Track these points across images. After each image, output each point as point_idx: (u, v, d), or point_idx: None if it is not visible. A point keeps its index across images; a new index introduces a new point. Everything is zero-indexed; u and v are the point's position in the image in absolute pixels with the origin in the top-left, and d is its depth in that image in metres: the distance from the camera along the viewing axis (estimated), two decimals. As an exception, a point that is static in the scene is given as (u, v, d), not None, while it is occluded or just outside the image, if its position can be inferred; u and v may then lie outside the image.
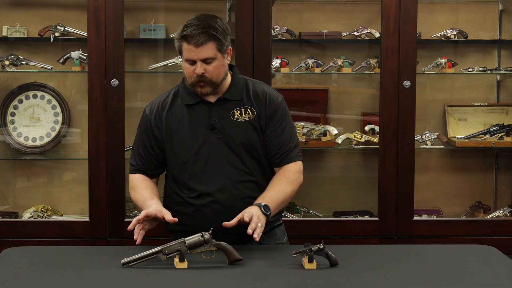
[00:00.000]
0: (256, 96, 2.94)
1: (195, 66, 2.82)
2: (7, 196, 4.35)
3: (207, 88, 2.85)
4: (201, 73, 2.81)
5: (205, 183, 2.89)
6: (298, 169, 2.97)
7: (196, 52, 2.80)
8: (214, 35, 2.80)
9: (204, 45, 2.79)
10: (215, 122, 2.89)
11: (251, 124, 2.91)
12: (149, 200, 2.90)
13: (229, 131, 2.89)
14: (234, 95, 2.92)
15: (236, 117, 2.91)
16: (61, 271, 2.55)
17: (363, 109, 4.43)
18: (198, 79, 2.84)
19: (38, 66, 4.17)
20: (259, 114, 2.92)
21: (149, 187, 2.98)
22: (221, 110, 2.91)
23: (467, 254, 2.82)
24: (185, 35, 2.80)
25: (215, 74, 2.84)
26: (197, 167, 2.90)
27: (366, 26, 4.33)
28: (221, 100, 2.91)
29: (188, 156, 2.91)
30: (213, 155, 2.89)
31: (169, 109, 2.95)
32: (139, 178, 3.01)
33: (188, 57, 2.82)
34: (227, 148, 2.89)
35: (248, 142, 2.91)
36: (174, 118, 2.93)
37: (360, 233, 3.92)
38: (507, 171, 4.49)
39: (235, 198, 2.88)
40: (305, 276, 2.49)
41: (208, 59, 2.81)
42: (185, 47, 2.82)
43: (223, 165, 2.89)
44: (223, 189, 2.88)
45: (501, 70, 4.38)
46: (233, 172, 2.89)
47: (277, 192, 2.88)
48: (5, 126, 4.26)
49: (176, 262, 2.57)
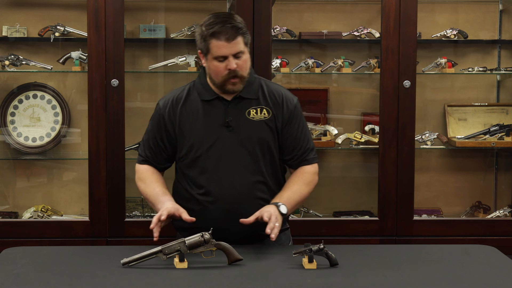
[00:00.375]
0: (272, 96, 2.95)
1: (226, 62, 2.82)
2: (7, 196, 4.35)
3: (239, 84, 2.86)
4: (235, 67, 2.81)
5: (215, 181, 2.88)
6: (315, 170, 3.00)
7: (229, 47, 2.80)
8: (241, 29, 2.83)
9: (234, 40, 2.81)
10: (230, 120, 2.89)
11: (266, 124, 2.92)
12: (162, 196, 2.89)
13: (244, 130, 2.89)
14: (250, 94, 2.92)
15: (251, 116, 2.91)
16: (61, 271, 2.55)
17: (363, 109, 4.43)
18: (230, 76, 2.83)
19: (38, 66, 4.17)
20: (275, 115, 2.93)
21: (160, 181, 2.97)
22: (237, 108, 2.91)
23: (467, 254, 2.82)
24: (215, 32, 2.81)
25: (245, 68, 2.86)
26: (208, 163, 2.89)
27: (366, 26, 4.33)
28: (237, 98, 2.91)
29: (200, 151, 2.90)
30: (226, 152, 2.88)
31: (183, 103, 2.95)
32: (148, 169, 3.00)
33: (219, 53, 2.81)
34: (240, 147, 2.89)
35: (262, 142, 2.91)
36: (188, 113, 2.93)
37: (360, 233, 3.92)
38: (507, 171, 4.49)
39: (244, 198, 2.87)
40: (305, 276, 2.49)
41: (239, 53, 2.82)
42: (215, 44, 2.81)
43: (234, 164, 2.88)
44: (233, 188, 2.87)
45: (501, 70, 4.38)
46: (244, 171, 2.89)
47: (294, 192, 2.90)
48: (5, 126, 4.26)
49: (176, 262, 2.57)
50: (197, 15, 4.32)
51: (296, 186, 2.93)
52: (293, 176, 2.98)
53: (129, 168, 3.97)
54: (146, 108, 4.36)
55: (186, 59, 4.19)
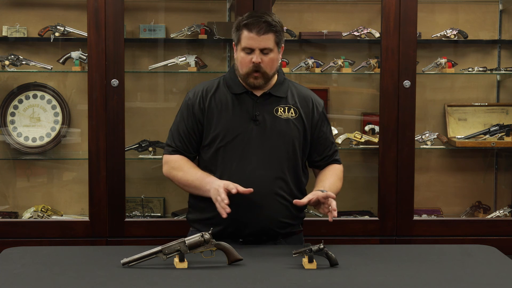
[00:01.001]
0: (301, 99, 3.02)
1: (252, 55, 2.88)
2: (7, 196, 4.34)
3: (260, 80, 2.92)
4: (258, 62, 2.87)
5: (236, 173, 2.91)
6: (342, 170, 3.12)
7: (257, 41, 2.87)
8: (275, 27, 2.89)
9: (265, 35, 2.87)
10: (258, 114, 2.93)
11: (293, 123, 2.97)
12: (207, 177, 2.91)
13: (270, 126, 2.94)
14: (279, 92, 2.99)
15: (279, 114, 2.97)
16: (61, 271, 2.55)
17: (363, 109, 4.43)
18: (253, 69, 2.89)
19: (38, 66, 4.17)
20: (302, 116, 2.98)
21: (196, 167, 3.00)
22: (265, 104, 2.97)
23: (467, 254, 2.82)
24: (247, 23, 2.88)
25: (269, 66, 2.91)
26: (231, 154, 2.93)
27: (366, 26, 4.33)
28: (267, 94, 2.97)
29: (224, 141, 2.94)
30: (249, 145, 2.93)
31: (213, 94, 2.99)
32: (182, 159, 3.01)
33: (247, 45, 2.88)
34: (264, 142, 2.93)
35: (287, 139, 2.95)
36: (217, 103, 2.97)
37: (360, 233, 3.92)
38: (507, 171, 4.49)
39: (262, 192, 2.89)
40: (305, 276, 2.49)
41: (266, 50, 2.88)
42: (246, 35, 2.88)
43: (256, 158, 2.92)
44: (252, 181, 2.88)
45: (501, 70, 4.38)
46: (265, 167, 2.92)
47: (333, 183, 3.00)
48: (5, 126, 4.26)
49: (176, 262, 2.58)
50: (197, 15, 4.32)
51: (332, 178, 3.03)
52: (327, 171, 3.07)
53: (129, 168, 3.97)
54: (146, 108, 4.37)
55: (186, 59, 4.19)
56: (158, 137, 4.21)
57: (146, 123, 4.35)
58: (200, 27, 4.24)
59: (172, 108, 4.25)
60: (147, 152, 4.21)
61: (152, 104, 4.40)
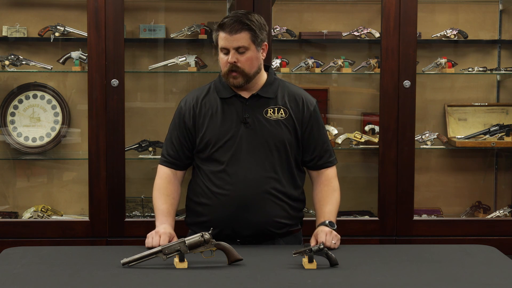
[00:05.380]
0: (291, 98, 3.00)
1: (229, 55, 2.88)
2: (7, 196, 4.34)
3: (240, 79, 2.91)
4: (233, 61, 2.87)
5: (229, 175, 2.92)
6: (335, 174, 3.09)
7: (230, 40, 2.87)
8: (249, 25, 2.88)
9: (238, 34, 2.87)
10: (247, 117, 2.94)
11: (283, 124, 2.96)
12: (162, 216, 2.96)
13: (260, 128, 2.94)
14: (268, 93, 2.98)
15: (268, 115, 2.96)
16: (61, 271, 2.55)
17: (363, 109, 4.43)
18: (230, 69, 2.89)
19: (38, 66, 4.17)
20: (292, 116, 2.97)
21: (170, 195, 3.01)
22: (254, 106, 2.96)
23: (467, 254, 2.82)
24: (221, 24, 2.89)
25: (247, 65, 2.90)
26: (224, 158, 2.93)
27: (366, 26, 4.33)
28: (255, 96, 2.97)
29: (216, 146, 2.94)
30: (241, 148, 2.93)
31: (203, 100, 3.00)
32: (166, 177, 3.03)
33: (222, 45, 2.89)
34: (255, 144, 2.93)
35: (278, 140, 2.95)
36: (207, 109, 2.98)
37: (360, 233, 3.92)
38: (507, 171, 4.49)
39: (256, 193, 2.90)
40: (305, 276, 2.49)
41: (241, 48, 2.88)
42: (221, 35, 2.89)
43: (249, 160, 2.92)
44: (246, 183, 2.90)
45: (501, 70, 4.38)
46: (258, 168, 2.92)
47: (331, 204, 3.01)
48: (5, 126, 4.26)
49: (176, 262, 2.58)
50: (197, 15, 4.32)
51: (330, 197, 3.02)
52: (322, 187, 3.05)
53: (129, 168, 3.97)
54: (146, 108, 4.37)
55: (186, 59, 4.19)
56: (158, 137, 4.21)
57: (146, 123, 4.35)
58: (200, 27, 4.24)
59: (172, 108, 4.22)
60: (147, 152, 4.21)
61: (152, 104, 4.40)
